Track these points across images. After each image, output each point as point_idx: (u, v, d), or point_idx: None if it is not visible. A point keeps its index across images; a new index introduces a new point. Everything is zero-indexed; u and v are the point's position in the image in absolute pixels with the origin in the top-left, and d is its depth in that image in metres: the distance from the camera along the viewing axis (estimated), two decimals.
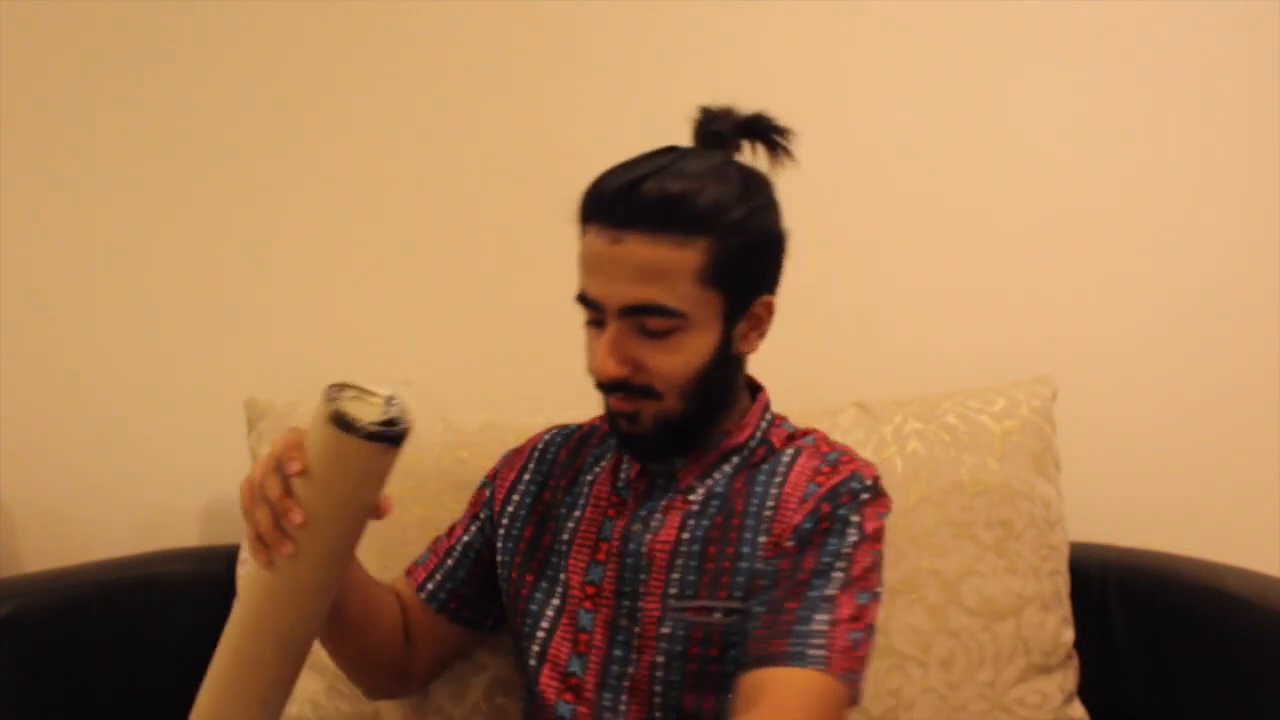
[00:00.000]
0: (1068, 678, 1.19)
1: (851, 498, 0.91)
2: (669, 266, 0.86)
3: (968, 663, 1.15)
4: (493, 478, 1.10)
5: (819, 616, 0.84)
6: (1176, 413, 1.43)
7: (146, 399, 1.48)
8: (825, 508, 0.90)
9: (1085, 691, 1.20)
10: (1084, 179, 1.45)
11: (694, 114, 0.97)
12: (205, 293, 1.49)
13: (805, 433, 1.00)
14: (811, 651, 0.82)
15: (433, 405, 1.39)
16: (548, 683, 0.95)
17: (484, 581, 1.05)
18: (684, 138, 0.98)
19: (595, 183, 0.91)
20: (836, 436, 1.22)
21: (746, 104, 1.01)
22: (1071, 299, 1.45)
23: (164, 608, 1.25)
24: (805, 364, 1.42)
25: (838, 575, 0.87)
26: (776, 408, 1.05)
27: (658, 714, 0.90)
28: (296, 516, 0.77)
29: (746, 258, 0.90)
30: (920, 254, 1.46)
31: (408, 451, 1.26)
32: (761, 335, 0.96)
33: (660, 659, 0.90)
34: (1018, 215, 1.46)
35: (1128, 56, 1.45)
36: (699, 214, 0.86)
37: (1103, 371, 1.44)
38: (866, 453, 1.22)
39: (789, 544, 0.89)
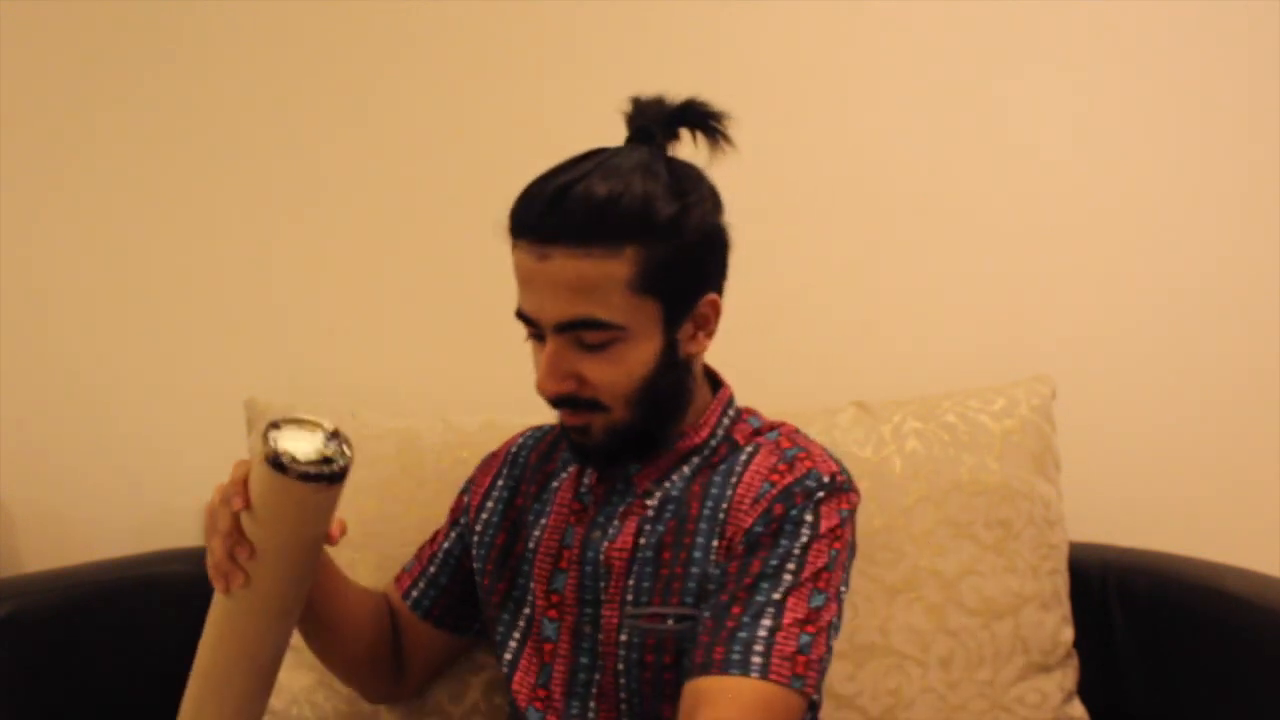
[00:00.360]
0: (1067, 677, 1.19)
1: (806, 496, 0.88)
2: (598, 280, 0.84)
3: (967, 662, 1.15)
4: (468, 482, 1.10)
5: (763, 623, 0.82)
6: (1176, 413, 1.43)
7: (146, 399, 1.48)
8: (778, 509, 0.87)
9: (1085, 691, 1.20)
10: (1084, 179, 1.45)
11: (625, 106, 0.94)
12: (205, 293, 1.49)
13: (772, 427, 0.98)
14: (753, 659, 0.80)
15: (433, 405, 1.40)
16: (519, 689, 0.95)
17: (465, 588, 1.05)
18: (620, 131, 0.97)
19: (521, 194, 0.88)
20: (836, 436, 1.22)
21: (746, 105, 1.00)
22: (1071, 299, 1.45)
23: (164, 608, 1.25)
24: (805, 364, 1.43)
25: (786, 578, 0.84)
26: (776, 408, 1.05)
27: None
28: (243, 551, 0.80)
29: (681, 260, 0.87)
30: (920, 254, 1.46)
31: (408, 452, 1.27)
32: (710, 335, 0.93)
33: (621, 666, 0.90)
34: (1017, 215, 1.46)
35: (1127, 57, 1.45)
36: (624, 222, 0.83)
37: (1103, 371, 1.44)
38: (866, 452, 1.22)
39: (739, 547, 0.87)
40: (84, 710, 1.15)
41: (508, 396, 1.41)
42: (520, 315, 0.90)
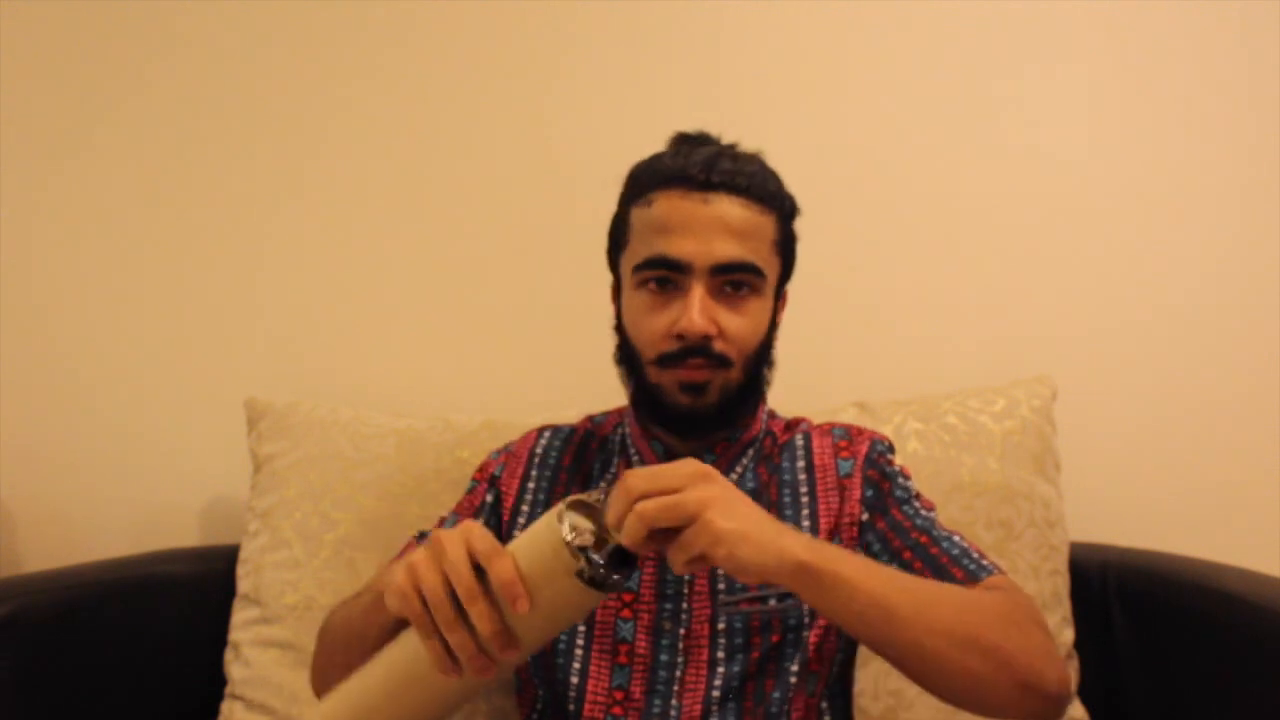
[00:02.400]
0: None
1: (884, 458, 0.97)
2: (757, 229, 0.92)
3: None
4: (490, 479, 1.04)
5: (954, 539, 0.90)
6: (1177, 413, 1.43)
7: (146, 399, 1.48)
8: (872, 473, 0.96)
9: (1085, 691, 1.20)
10: (1084, 180, 1.45)
11: (671, 138, 0.98)
12: (205, 293, 1.49)
13: (796, 421, 1.04)
14: (984, 562, 0.88)
15: (433, 405, 1.40)
16: (593, 700, 0.92)
17: None
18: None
19: (653, 160, 0.94)
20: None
21: (746, 105, 1.01)
22: (1071, 299, 1.45)
23: (164, 608, 1.25)
24: (805, 364, 1.42)
25: (925, 513, 0.93)
26: (777, 407, 1.06)
27: (714, 707, 0.89)
28: (512, 655, 0.69)
29: (792, 241, 0.97)
30: (920, 254, 1.46)
31: (408, 451, 1.27)
32: (778, 325, 1.00)
33: (720, 654, 0.90)
34: (1018, 216, 1.46)
35: (1127, 58, 1.45)
36: (772, 191, 0.93)
37: (1103, 371, 1.44)
38: None
39: (864, 516, 0.94)
40: (85, 710, 1.15)
41: (508, 396, 1.42)
42: (658, 262, 0.91)
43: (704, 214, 0.90)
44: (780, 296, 0.99)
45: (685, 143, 0.96)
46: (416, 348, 1.49)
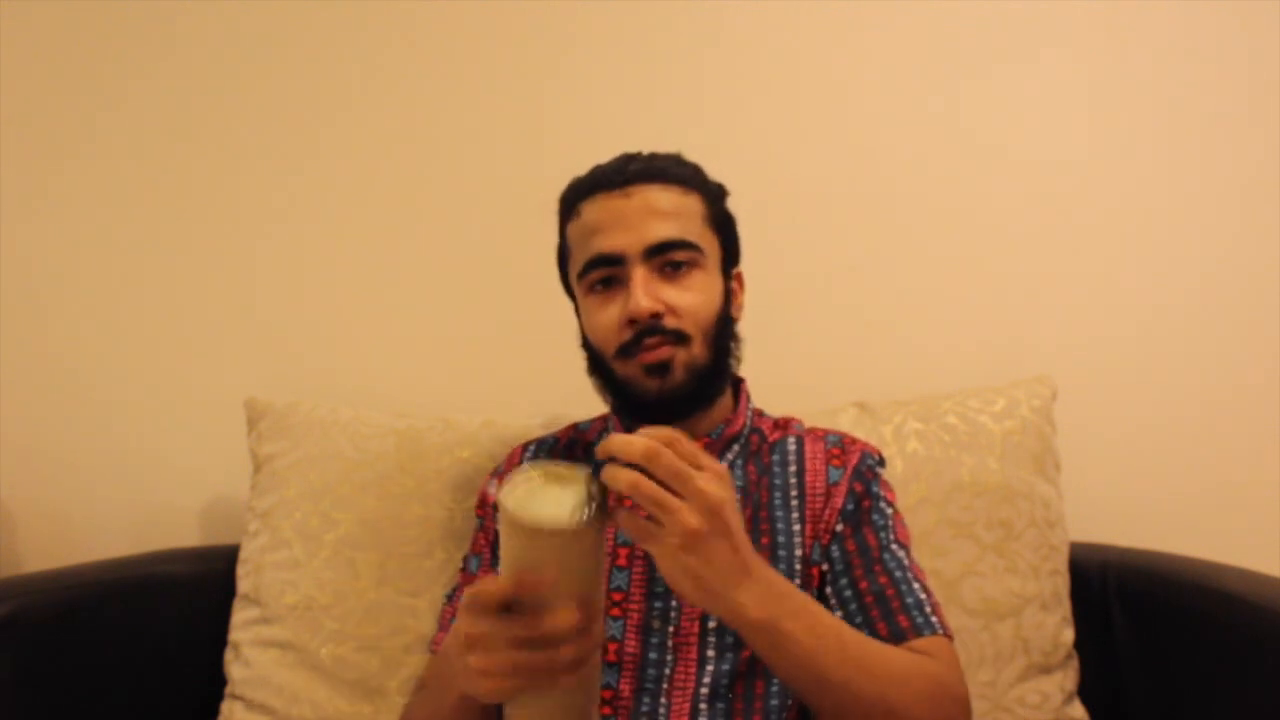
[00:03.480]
0: (1068, 678, 1.19)
1: (873, 474, 0.98)
2: (682, 208, 0.95)
3: (968, 663, 1.15)
4: (491, 510, 1.05)
5: (914, 587, 0.91)
6: (1176, 413, 1.43)
7: (146, 399, 1.48)
8: (858, 486, 0.97)
9: (1085, 691, 1.20)
10: (1084, 181, 1.45)
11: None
12: (205, 293, 1.49)
13: (786, 421, 1.04)
14: (932, 619, 0.89)
15: (433, 405, 1.40)
16: None
17: None
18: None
19: (574, 180, 0.99)
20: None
21: (746, 105, 1.02)
22: (1071, 299, 1.45)
23: (164, 608, 1.25)
24: (805, 364, 1.43)
25: (896, 548, 0.93)
26: (777, 407, 1.06)
27: (703, 706, 0.90)
28: (583, 619, 0.67)
29: (728, 221, 1.01)
30: (920, 254, 1.46)
31: (408, 451, 1.27)
32: (741, 307, 1.02)
33: (710, 653, 0.91)
34: (1018, 217, 1.46)
35: (1127, 58, 1.45)
36: (691, 174, 0.98)
37: (1103, 371, 1.44)
38: None
39: (839, 527, 0.94)
40: (85, 710, 1.15)
41: (508, 397, 1.42)
42: (596, 262, 0.95)
43: (627, 206, 0.94)
44: (732, 277, 1.01)
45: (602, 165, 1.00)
46: (416, 348, 1.49)
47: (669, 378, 0.93)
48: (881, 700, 0.78)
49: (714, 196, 0.99)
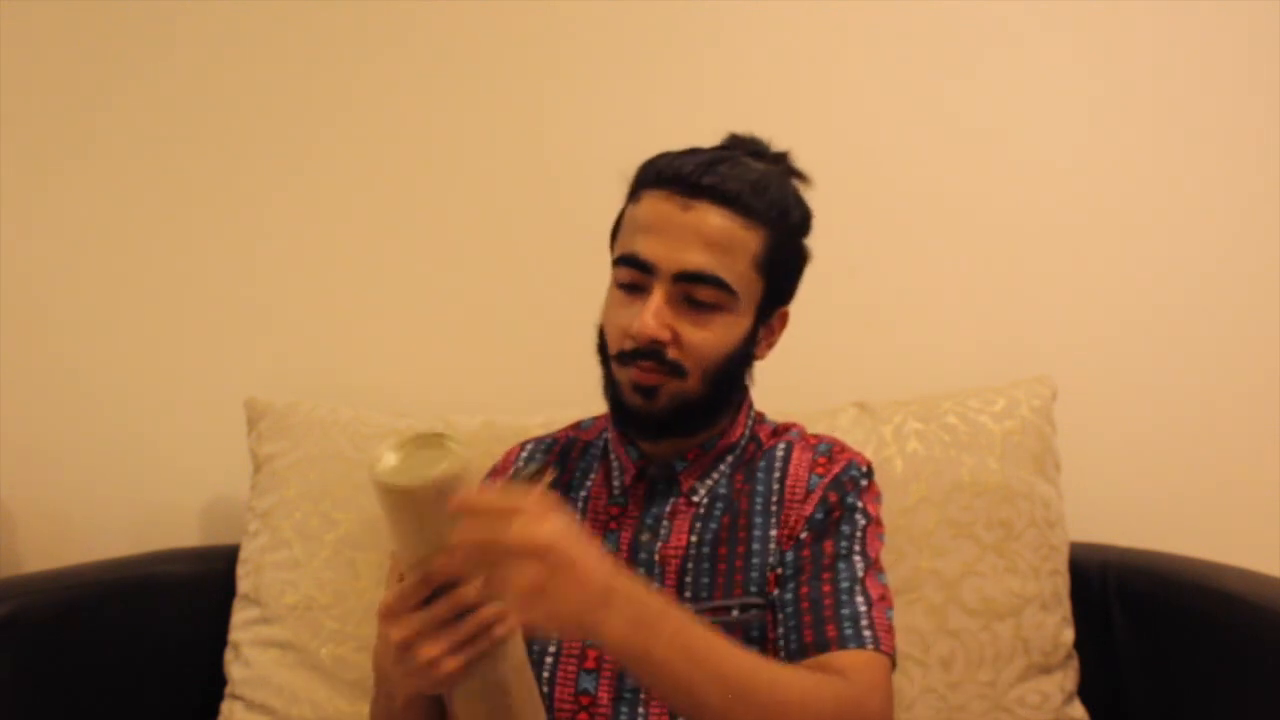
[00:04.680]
0: (1068, 678, 1.19)
1: (853, 484, 0.94)
2: (735, 243, 0.88)
3: (968, 663, 1.15)
4: None
5: (858, 600, 0.87)
6: (1176, 413, 1.43)
7: (146, 399, 1.48)
8: (833, 496, 0.93)
9: (1085, 691, 1.20)
10: (1084, 181, 1.45)
11: (721, 135, 0.98)
12: (205, 293, 1.49)
13: (786, 427, 1.02)
14: (864, 633, 0.85)
15: (433, 405, 1.40)
16: (561, 705, 0.92)
17: None
18: (678, 141, 0.97)
19: (657, 158, 0.92)
20: (837, 436, 1.22)
21: (746, 105, 1.01)
22: (1071, 299, 1.45)
23: (164, 608, 1.25)
24: (805, 364, 1.42)
25: (857, 560, 0.90)
26: (777, 408, 1.06)
27: (680, 718, 0.89)
28: (472, 592, 0.69)
29: (790, 259, 0.95)
30: (920, 254, 1.46)
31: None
32: (771, 346, 0.98)
33: None
34: (1018, 217, 1.46)
35: (1127, 58, 1.45)
36: (770, 204, 0.90)
37: (1103, 371, 1.44)
38: (867, 453, 1.21)
39: (803, 535, 0.91)
40: (85, 710, 1.15)
41: (508, 396, 1.42)
42: (628, 261, 0.89)
43: (680, 219, 0.88)
44: (770, 317, 0.95)
45: (686, 151, 0.92)
46: (416, 348, 1.49)
47: (652, 401, 0.90)
48: None
49: (784, 234, 0.92)
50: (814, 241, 1.47)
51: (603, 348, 0.95)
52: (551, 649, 0.94)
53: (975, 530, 1.19)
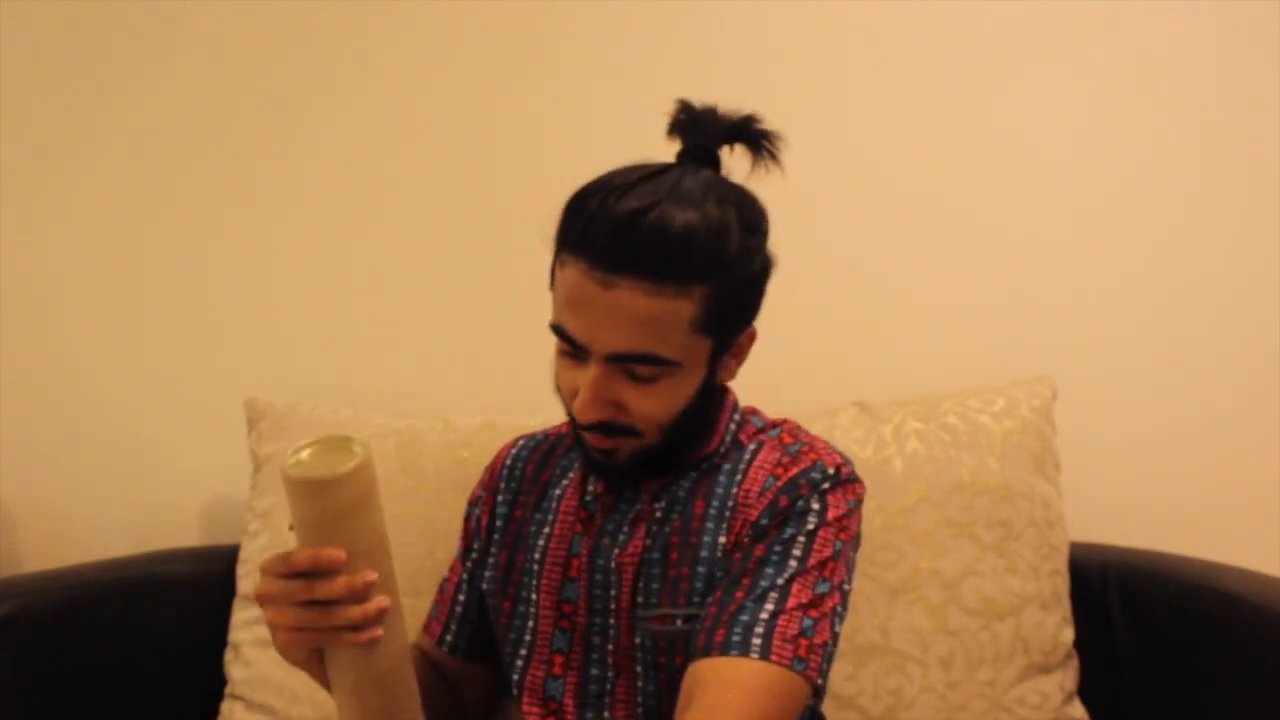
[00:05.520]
0: (1068, 677, 1.19)
1: (811, 487, 0.88)
2: (665, 318, 0.80)
3: (967, 662, 1.15)
4: (475, 504, 1.06)
5: (766, 606, 0.81)
6: (1177, 413, 1.43)
7: (146, 399, 1.48)
8: (783, 501, 0.87)
9: (1085, 691, 1.20)
10: (1084, 180, 1.45)
11: (674, 110, 0.91)
12: (205, 293, 1.49)
13: (774, 425, 0.98)
14: (753, 640, 0.79)
15: (433, 405, 1.40)
16: (529, 709, 0.93)
17: None
18: (678, 142, 0.96)
19: (579, 204, 0.82)
20: (837, 436, 1.23)
21: (746, 105, 0.99)
22: (1071, 299, 1.45)
23: (164, 608, 1.25)
24: (805, 364, 1.43)
25: (791, 563, 0.84)
26: (777, 408, 1.05)
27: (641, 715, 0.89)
28: (371, 574, 0.73)
29: (740, 297, 0.86)
30: (920, 254, 1.46)
31: (408, 452, 1.27)
32: (741, 363, 0.92)
33: (639, 669, 0.89)
34: (1018, 216, 1.46)
35: (1127, 58, 1.45)
36: (700, 260, 0.80)
37: (1103, 371, 1.44)
38: (866, 453, 1.22)
39: (745, 540, 0.87)
40: (85, 710, 1.15)
41: (508, 397, 1.41)
42: (560, 333, 0.84)
43: (603, 300, 0.79)
44: (729, 349, 0.89)
45: (605, 196, 0.81)
46: (416, 348, 1.49)
47: (613, 458, 0.89)
48: None
49: (723, 280, 0.82)
50: (814, 241, 1.47)
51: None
52: (522, 652, 0.94)
53: (975, 530, 1.19)
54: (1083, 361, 1.43)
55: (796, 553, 0.84)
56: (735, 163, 0.92)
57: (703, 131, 0.90)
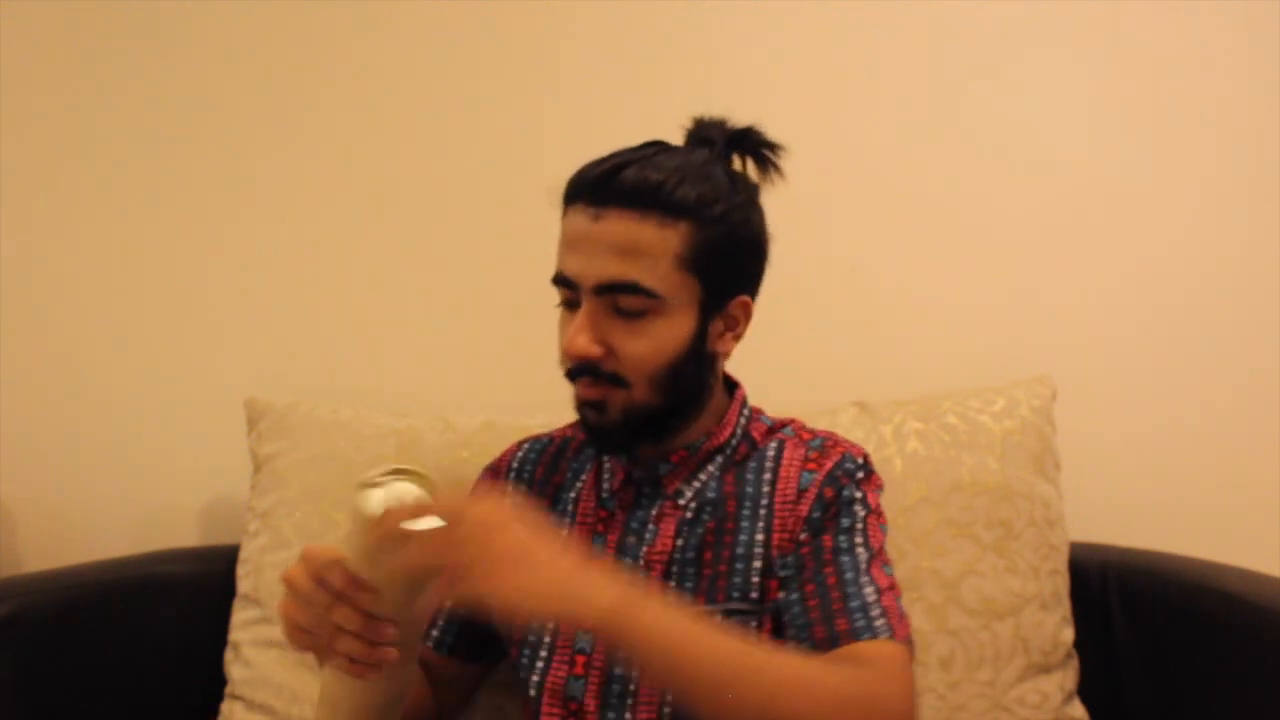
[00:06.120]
0: (1068, 677, 1.19)
1: (849, 477, 0.92)
2: (649, 246, 0.85)
3: (967, 662, 1.15)
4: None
5: (866, 591, 0.84)
6: (1177, 413, 1.44)
7: (146, 399, 1.48)
8: (828, 492, 0.91)
9: (1085, 691, 1.20)
10: (1084, 180, 1.45)
11: (686, 124, 0.96)
12: (205, 293, 1.49)
13: (783, 424, 1.00)
14: (877, 623, 0.82)
15: (433, 405, 1.40)
16: (549, 711, 0.92)
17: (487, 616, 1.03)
18: (679, 140, 0.98)
19: (580, 169, 0.91)
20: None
21: (746, 105, 1.00)
22: (1071, 299, 1.45)
23: (164, 608, 1.25)
24: (805, 364, 1.43)
25: (860, 552, 0.87)
26: (777, 408, 1.05)
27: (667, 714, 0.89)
28: (393, 633, 0.73)
29: (727, 249, 0.89)
30: (920, 254, 1.47)
31: (408, 452, 1.27)
32: (738, 337, 0.94)
33: None
34: (1018, 216, 1.46)
35: (1127, 57, 1.45)
36: (684, 197, 0.86)
37: (1103, 371, 1.44)
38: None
39: (802, 535, 0.89)
40: (85, 710, 1.15)
41: (508, 396, 1.41)
42: (558, 280, 0.89)
43: (594, 231, 0.86)
44: (723, 309, 0.91)
45: (607, 155, 0.90)
46: (416, 348, 1.49)
47: (604, 415, 0.90)
48: (768, 710, 0.70)
49: (711, 223, 0.87)
50: (814, 241, 1.47)
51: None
52: (543, 654, 0.94)
53: (975, 530, 1.19)
54: (1083, 361, 1.43)
55: (859, 540, 0.88)
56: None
57: (707, 130, 0.95)
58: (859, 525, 0.89)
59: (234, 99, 1.49)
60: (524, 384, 1.45)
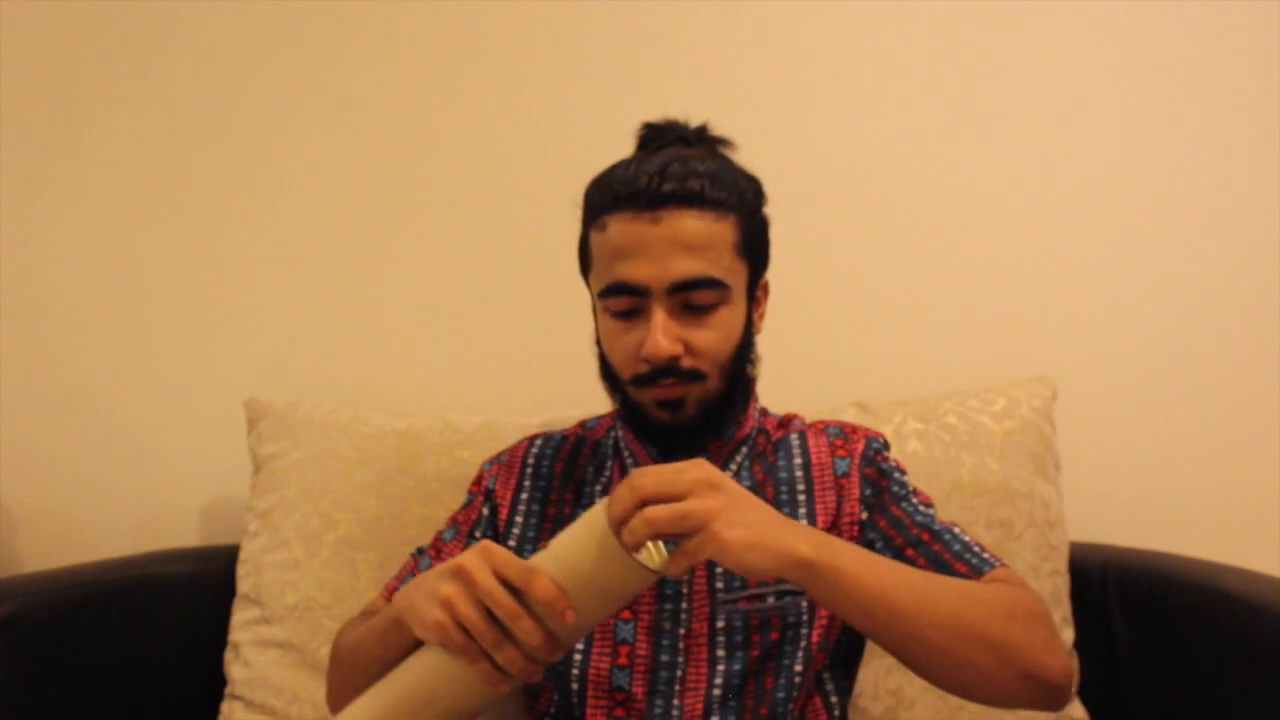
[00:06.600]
0: None
1: (882, 455, 0.98)
2: (713, 239, 0.89)
3: None
4: (486, 493, 1.04)
5: (955, 532, 0.91)
6: (1177, 413, 1.44)
7: (146, 399, 1.48)
8: (869, 471, 0.96)
9: (1085, 691, 1.20)
10: (1084, 179, 1.46)
11: (638, 129, 0.98)
12: (204, 293, 1.49)
13: (789, 418, 1.04)
14: (985, 555, 0.88)
15: (433, 405, 1.40)
16: (595, 704, 0.92)
17: None
18: (630, 145, 0.98)
19: (605, 179, 0.92)
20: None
21: (747, 105, 1.01)
22: (1071, 299, 1.45)
23: (164, 608, 1.25)
24: (805, 364, 1.43)
25: (926, 509, 0.93)
26: (777, 407, 1.06)
27: (715, 708, 0.90)
28: (559, 655, 0.73)
29: (760, 233, 0.95)
30: (920, 254, 1.47)
31: (408, 451, 1.27)
32: (763, 316, 0.99)
33: (720, 653, 0.90)
34: (1018, 215, 1.46)
35: (1127, 57, 1.45)
36: (728, 190, 0.90)
37: (1103, 371, 1.44)
38: None
39: (864, 516, 0.94)
40: (84, 710, 1.15)
41: (508, 396, 1.42)
42: (617, 289, 0.90)
43: (655, 234, 0.88)
44: (758, 291, 0.97)
45: (644, 146, 0.95)
46: (416, 348, 1.49)
47: (680, 412, 0.92)
48: (963, 619, 0.75)
49: (750, 212, 0.93)
50: (814, 241, 1.48)
51: (608, 374, 0.96)
52: (581, 645, 0.93)
53: (975, 530, 1.19)
54: (1083, 361, 1.43)
55: (919, 504, 0.94)
56: None
57: (679, 131, 0.98)
58: (911, 489, 0.95)
59: (234, 99, 1.49)
60: (524, 384, 1.46)
